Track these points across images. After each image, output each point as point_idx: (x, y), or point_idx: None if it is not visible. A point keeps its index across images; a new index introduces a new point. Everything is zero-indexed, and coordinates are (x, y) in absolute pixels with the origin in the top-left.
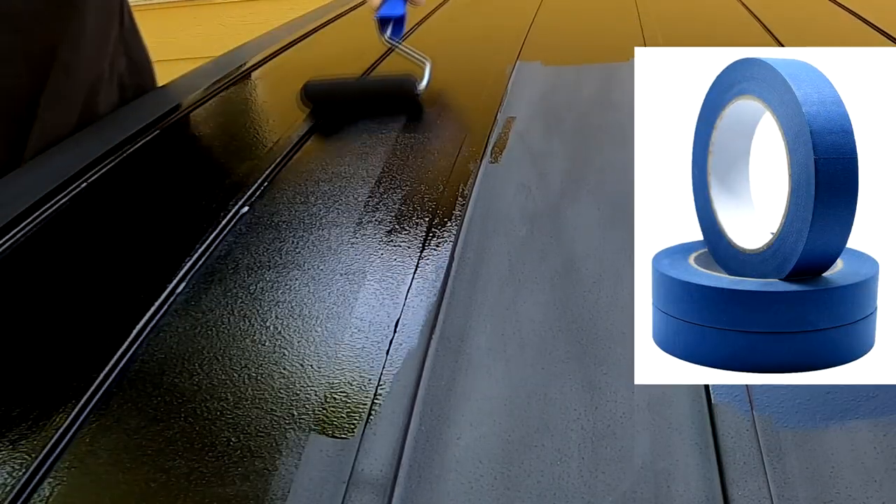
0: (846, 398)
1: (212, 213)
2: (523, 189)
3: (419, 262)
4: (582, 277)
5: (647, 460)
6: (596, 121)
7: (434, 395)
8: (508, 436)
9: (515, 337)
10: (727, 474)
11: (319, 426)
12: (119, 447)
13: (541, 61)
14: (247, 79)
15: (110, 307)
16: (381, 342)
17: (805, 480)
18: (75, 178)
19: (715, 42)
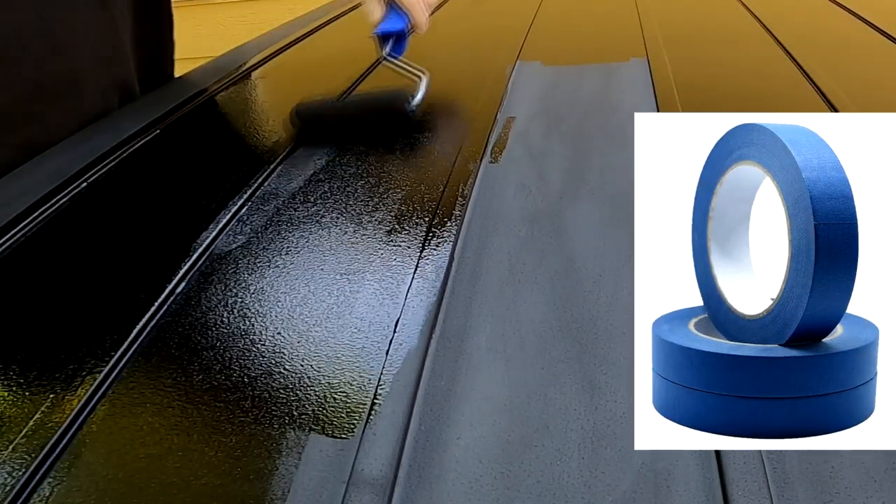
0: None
1: (211, 212)
2: (523, 189)
3: (419, 261)
4: (582, 277)
5: (647, 460)
6: (596, 121)
7: (434, 395)
8: (508, 436)
9: (515, 337)
10: (727, 474)
11: (319, 426)
12: (117, 448)
13: (541, 61)
14: (247, 79)
15: (109, 308)
16: (380, 342)
17: (805, 480)
18: (75, 178)
19: (715, 42)
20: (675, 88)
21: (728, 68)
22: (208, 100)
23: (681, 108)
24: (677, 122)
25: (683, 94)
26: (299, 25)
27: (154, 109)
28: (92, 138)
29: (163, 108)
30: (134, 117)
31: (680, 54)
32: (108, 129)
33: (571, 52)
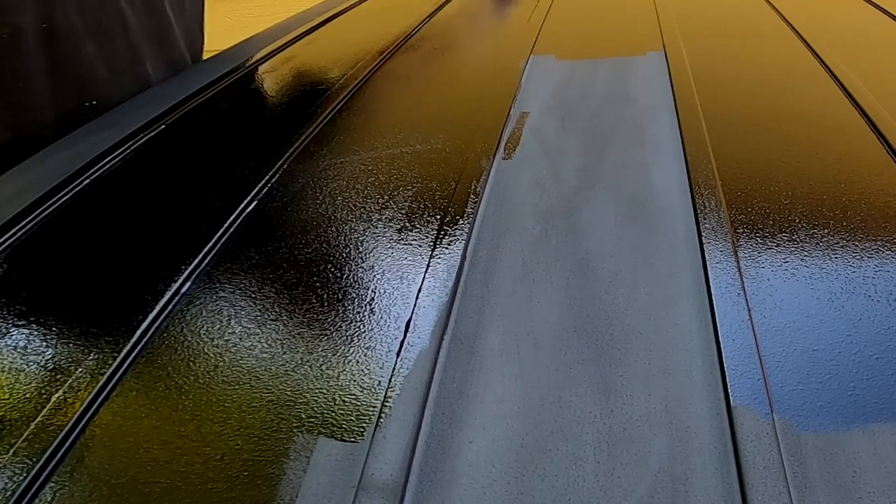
0: (869, 400)
1: (217, 210)
2: (537, 186)
3: (430, 260)
4: (598, 276)
5: (665, 464)
6: (611, 116)
7: (446, 398)
8: (522, 439)
9: (529, 338)
10: (746, 479)
11: (328, 429)
12: (121, 452)
13: (555, 55)
14: (254, 73)
15: (112, 308)
16: (391, 343)
17: (826, 485)
18: (78, 174)
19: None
20: (693, 83)
21: (748, 63)
22: (215, 94)
23: (699, 104)
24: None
25: (702, 90)
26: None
27: (158, 105)
28: (95, 133)
29: (167, 103)
30: (138, 112)
31: (698, 48)
32: (112, 124)
33: (586, 45)
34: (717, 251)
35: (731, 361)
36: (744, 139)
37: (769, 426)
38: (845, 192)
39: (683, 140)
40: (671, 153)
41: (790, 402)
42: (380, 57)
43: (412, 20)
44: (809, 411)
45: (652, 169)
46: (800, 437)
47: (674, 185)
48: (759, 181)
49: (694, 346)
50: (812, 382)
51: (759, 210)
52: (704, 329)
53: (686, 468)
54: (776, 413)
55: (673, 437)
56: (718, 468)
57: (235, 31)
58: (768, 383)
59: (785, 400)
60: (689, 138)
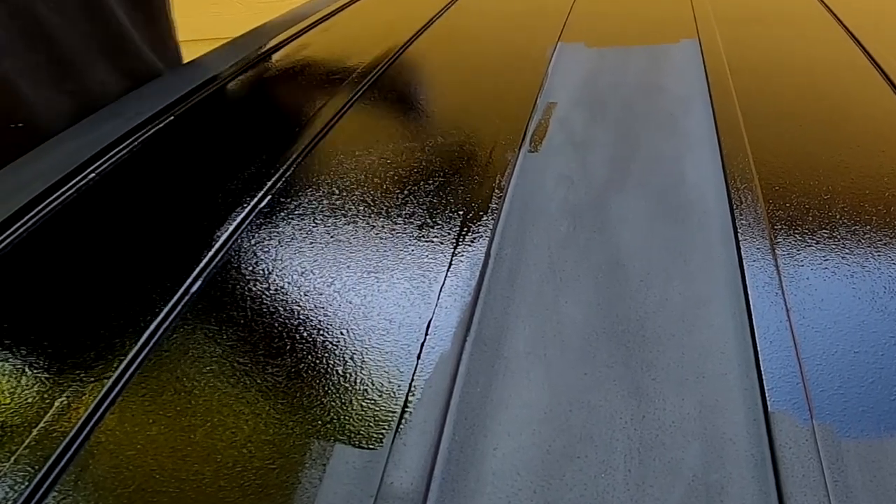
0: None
1: (228, 206)
2: (565, 180)
3: (453, 258)
4: (628, 275)
5: (699, 472)
6: (643, 107)
7: (469, 403)
8: (549, 446)
9: (556, 339)
10: (784, 488)
11: (345, 436)
12: (127, 460)
13: (584, 42)
14: (267, 62)
15: (119, 307)
16: (411, 345)
17: (868, 494)
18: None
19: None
20: (728, 72)
21: (786, 51)
22: (225, 84)
23: (735, 94)
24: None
25: (737, 79)
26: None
27: (167, 95)
28: (102, 125)
29: (176, 93)
30: (147, 102)
31: (734, 35)
32: (119, 115)
33: (617, 32)
34: (754, 248)
35: (768, 364)
36: (782, 130)
37: (808, 432)
38: (889, 186)
39: (718, 131)
40: (706, 145)
41: (831, 407)
42: (400, 46)
43: (435, 5)
44: (851, 417)
45: (685, 162)
46: (841, 443)
47: (708, 178)
48: (798, 174)
49: (729, 348)
50: (854, 386)
51: (798, 205)
52: (740, 330)
53: (721, 476)
54: (816, 419)
55: (707, 443)
56: (755, 476)
57: (248, 18)
58: (808, 387)
59: (825, 405)
60: (724, 129)
